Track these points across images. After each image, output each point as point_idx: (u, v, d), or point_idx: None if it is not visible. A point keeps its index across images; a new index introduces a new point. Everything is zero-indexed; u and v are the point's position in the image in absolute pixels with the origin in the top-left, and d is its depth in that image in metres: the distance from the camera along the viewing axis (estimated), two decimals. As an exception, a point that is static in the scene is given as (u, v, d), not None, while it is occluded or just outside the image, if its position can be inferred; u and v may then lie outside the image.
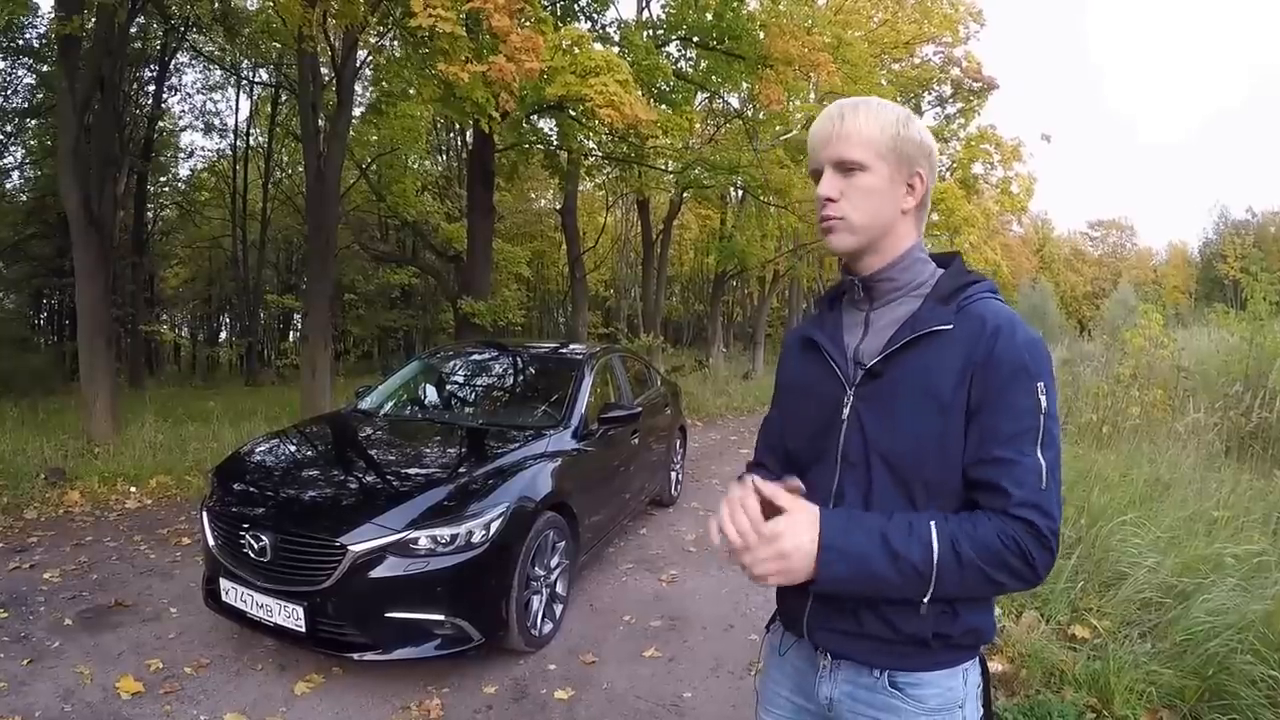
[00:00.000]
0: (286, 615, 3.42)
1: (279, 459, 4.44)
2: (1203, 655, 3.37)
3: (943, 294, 1.35)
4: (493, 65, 6.83)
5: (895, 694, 1.36)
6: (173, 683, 3.54)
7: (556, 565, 4.28)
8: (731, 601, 5.02)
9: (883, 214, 1.36)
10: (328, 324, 11.39)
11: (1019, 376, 1.25)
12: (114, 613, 4.34)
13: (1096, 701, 3.33)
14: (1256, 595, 3.66)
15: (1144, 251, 68.79)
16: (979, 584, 1.22)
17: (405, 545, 3.45)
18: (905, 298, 1.40)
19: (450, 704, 3.49)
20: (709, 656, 4.18)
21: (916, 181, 1.37)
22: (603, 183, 21.18)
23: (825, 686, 1.44)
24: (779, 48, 11.92)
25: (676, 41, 14.06)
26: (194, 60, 20.58)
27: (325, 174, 9.99)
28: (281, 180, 24.08)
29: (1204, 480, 5.65)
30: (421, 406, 5.66)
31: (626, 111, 8.57)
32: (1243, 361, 7.92)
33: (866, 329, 1.41)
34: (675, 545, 6.19)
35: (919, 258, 1.42)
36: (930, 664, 1.35)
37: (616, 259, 31.40)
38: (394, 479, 4.10)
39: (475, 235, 13.57)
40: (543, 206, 32.40)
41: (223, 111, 23.73)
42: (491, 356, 6.35)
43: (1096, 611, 4.15)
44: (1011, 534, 1.20)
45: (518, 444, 4.44)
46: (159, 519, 6.22)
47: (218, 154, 24.10)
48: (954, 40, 23.96)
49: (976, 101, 24.94)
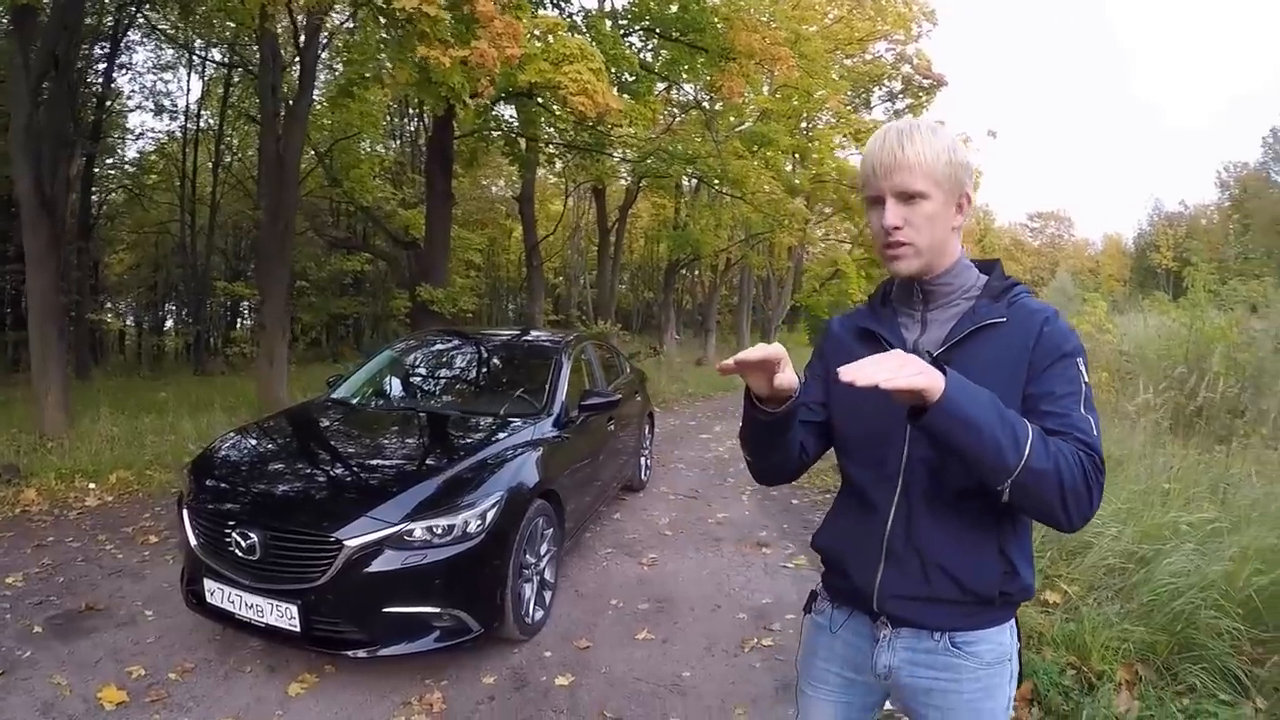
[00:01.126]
0: (279, 615, 3.32)
1: (259, 453, 4.33)
2: (1170, 613, 3.58)
3: (994, 293, 1.54)
4: (474, 50, 6.70)
5: (956, 652, 1.53)
6: (158, 690, 3.38)
7: (546, 553, 4.26)
8: (714, 582, 5.08)
9: (941, 235, 1.50)
10: (285, 312, 11.18)
11: (1065, 355, 1.44)
12: (86, 617, 4.14)
13: (1076, 659, 3.50)
14: (1214, 557, 3.86)
15: (1081, 242, 72.29)
16: (1053, 483, 1.29)
17: (402, 538, 3.39)
18: (959, 299, 1.56)
19: (451, 697, 3.44)
20: (701, 636, 4.22)
21: (964, 201, 1.51)
22: (561, 170, 21.06)
23: (885, 656, 1.59)
24: (741, 41, 12.09)
25: (640, 32, 14.02)
26: (146, 38, 19.81)
27: (284, 158, 9.74)
28: (232, 164, 23.44)
29: (1153, 456, 5.86)
30: (399, 396, 5.57)
31: (599, 100, 8.60)
32: (1182, 346, 8.21)
33: (925, 325, 1.58)
34: (650, 529, 6.22)
35: (966, 264, 1.58)
36: (986, 622, 1.54)
37: (567, 246, 31.26)
38: (384, 470, 4.03)
39: (433, 221, 13.38)
40: (495, 193, 32.18)
41: (174, 92, 22.93)
42: (465, 345, 6.28)
43: (1066, 578, 4.35)
44: (1081, 456, 1.32)
45: (503, 433, 4.42)
46: (122, 517, 6.02)
47: (168, 136, 23.22)
48: (906, 38, 24.50)
49: (925, 98, 25.40)
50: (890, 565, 1.53)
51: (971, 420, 1.25)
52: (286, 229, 10.50)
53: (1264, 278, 12.42)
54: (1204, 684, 3.19)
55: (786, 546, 5.85)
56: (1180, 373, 7.61)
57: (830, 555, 1.70)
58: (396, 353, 6.04)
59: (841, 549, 1.65)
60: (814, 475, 8.38)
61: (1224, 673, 3.24)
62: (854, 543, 1.60)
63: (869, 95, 26.34)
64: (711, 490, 7.70)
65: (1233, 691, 3.16)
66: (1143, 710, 3.08)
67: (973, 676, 1.54)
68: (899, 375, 1.19)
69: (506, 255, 34.73)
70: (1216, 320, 8.42)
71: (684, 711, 3.43)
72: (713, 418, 13.60)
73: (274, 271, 10.66)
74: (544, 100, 11.02)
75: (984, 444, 1.26)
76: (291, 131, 9.99)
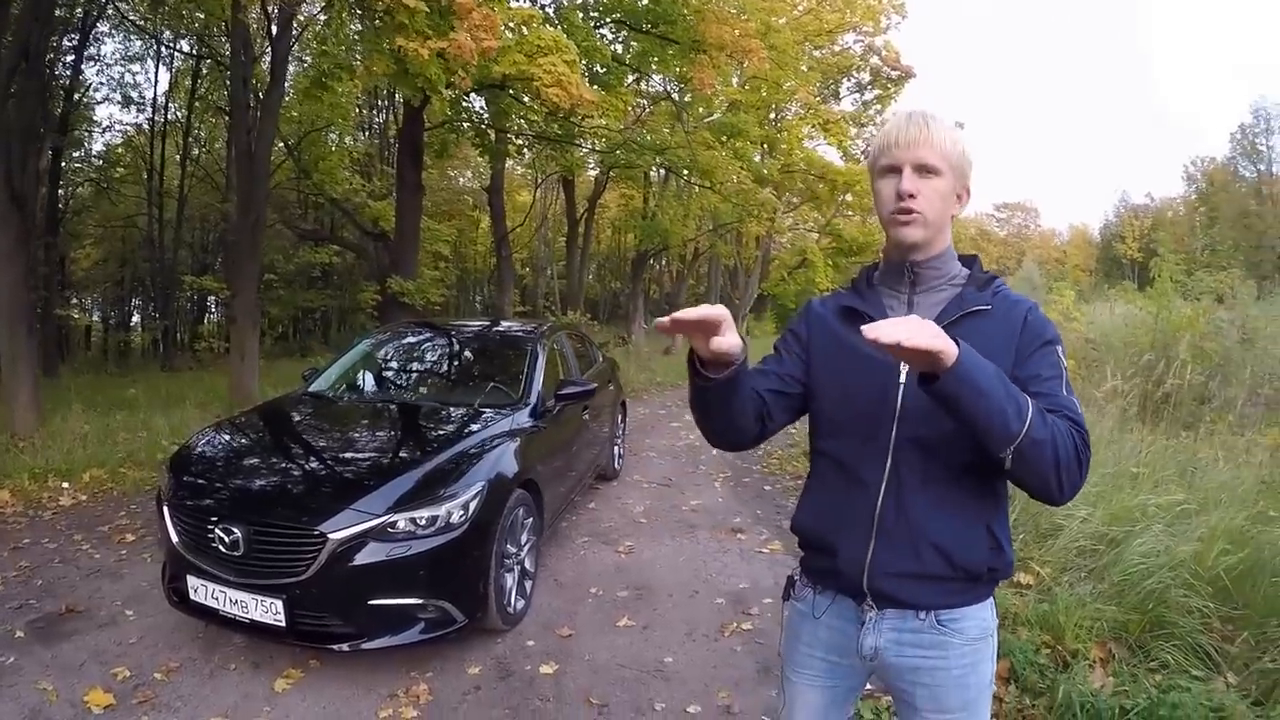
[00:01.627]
0: (264, 610, 3.32)
1: (238, 448, 4.31)
2: (1141, 592, 3.68)
3: (979, 282, 1.62)
4: (452, 42, 6.68)
5: (942, 630, 1.59)
6: (145, 690, 3.37)
7: (526, 542, 4.30)
8: (691, 569, 5.15)
9: (944, 215, 1.60)
10: (256, 306, 11.10)
11: (1048, 342, 1.54)
12: (67, 620, 4.10)
13: (1050, 639, 3.59)
14: (1183, 538, 3.98)
15: (1047, 232, 72.57)
16: (1049, 454, 1.37)
17: (385, 530, 3.41)
18: (945, 285, 1.64)
19: (438, 688, 3.48)
20: (681, 622, 4.28)
21: (964, 193, 1.63)
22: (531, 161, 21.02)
23: (871, 638, 1.63)
24: (712, 33, 12.15)
25: (611, 24, 14.01)
26: (115, 29, 19.47)
27: (256, 151, 9.65)
28: (200, 156, 23.11)
29: (1121, 441, 5.99)
30: (375, 388, 5.58)
31: (573, 92, 8.64)
32: (1149, 334, 8.39)
33: (911, 308, 1.63)
34: (626, 517, 6.28)
35: (953, 254, 1.66)
36: (972, 599, 1.61)
37: (535, 238, 31.17)
38: (365, 463, 4.05)
39: (403, 213, 13.35)
40: (463, 184, 32.01)
41: (141, 84, 22.50)
42: (439, 336, 6.31)
43: (1038, 560, 4.44)
44: (1072, 431, 1.41)
45: (481, 423, 4.44)
46: (98, 516, 5.97)
47: (135, 129, 22.78)
48: (875, 30, 24.56)
49: (894, 89, 25.53)
50: (881, 542, 1.57)
51: (981, 387, 1.31)
52: (258, 222, 10.41)
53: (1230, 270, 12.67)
54: (1176, 661, 3.27)
55: (761, 532, 5.93)
56: (1147, 360, 7.77)
57: (815, 535, 1.71)
58: (371, 345, 6.04)
59: (828, 527, 1.66)
60: (785, 462, 8.50)
61: (1195, 649, 3.33)
62: (842, 521, 1.63)
63: (837, 86, 26.47)
64: (684, 478, 7.77)
65: (1204, 667, 3.25)
66: (1116, 686, 3.16)
67: (959, 653, 1.59)
68: (919, 335, 1.24)
69: (474, 247, 34.55)
70: (1184, 310, 8.60)
71: (668, 696, 3.49)
72: (682, 406, 13.64)
73: (245, 265, 10.57)
74: (516, 92, 11.00)
75: (991, 411, 1.32)
76: (263, 124, 9.91)
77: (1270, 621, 3.42)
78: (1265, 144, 50.98)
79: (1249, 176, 51.59)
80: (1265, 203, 48.30)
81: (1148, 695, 2.99)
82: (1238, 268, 14.21)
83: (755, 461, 8.61)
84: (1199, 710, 2.83)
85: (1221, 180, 52.43)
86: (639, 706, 3.41)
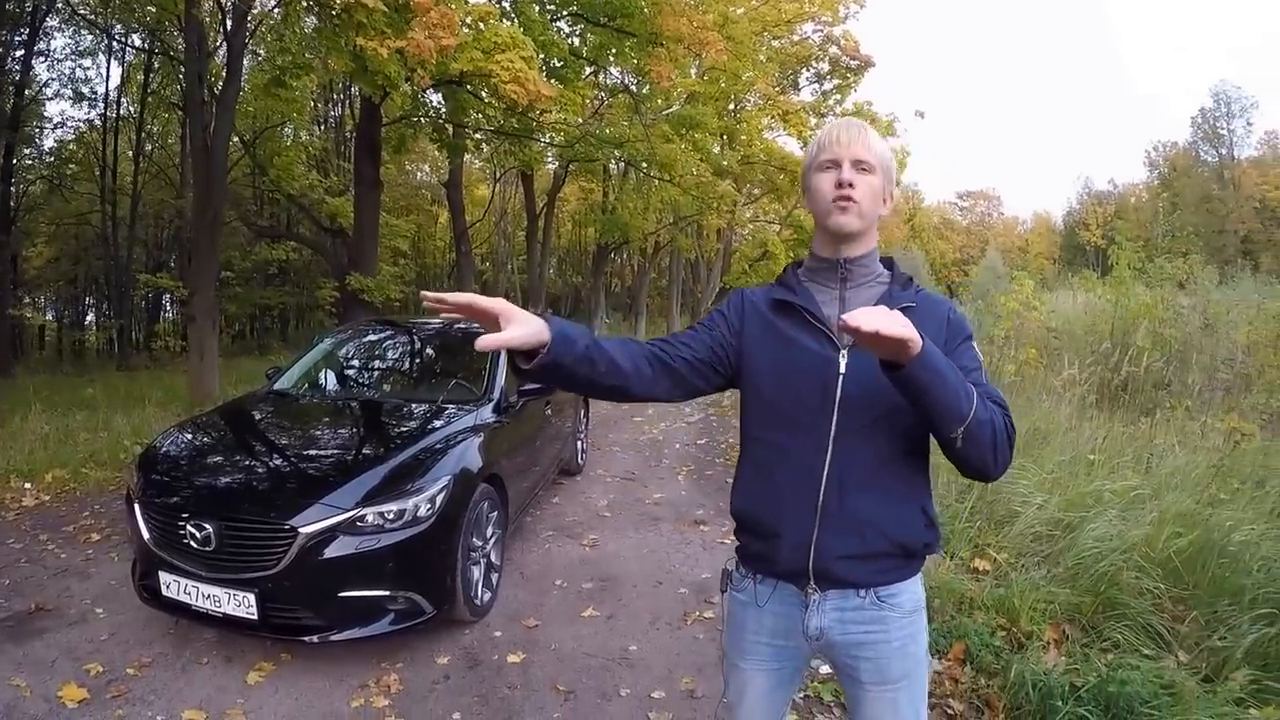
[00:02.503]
0: (237, 604, 3.39)
1: (207, 446, 4.35)
2: (1094, 575, 3.82)
3: (902, 282, 1.76)
4: (411, 41, 6.72)
5: (881, 605, 1.71)
6: (118, 685, 3.40)
7: (491, 535, 4.37)
8: (655, 560, 5.25)
9: (874, 211, 1.72)
10: (215, 304, 11.01)
11: (968, 337, 1.72)
12: (36, 618, 4.12)
13: (1005, 621, 3.73)
14: (1136, 522, 4.14)
15: (1010, 220, 72.72)
16: (989, 433, 1.53)
17: (354, 523, 3.48)
18: (872, 283, 1.76)
19: (407, 678, 3.56)
20: (645, 611, 4.39)
21: (888, 197, 1.75)
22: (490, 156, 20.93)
23: (815, 619, 1.73)
24: (669, 26, 12.12)
25: (568, 17, 14.00)
26: (65, 23, 19.10)
27: (213, 147, 9.57)
28: (153, 152, 22.75)
29: (1079, 428, 6.17)
30: (340, 386, 5.63)
31: (530, 88, 8.66)
32: (1108, 322, 8.60)
33: (843, 303, 1.72)
34: (590, 511, 6.37)
35: (877, 252, 1.79)
36: (905, 574, 1.73)
37: (494, 232, 31.08)
38: (333, 459, 4.11)
39: (362, 209, 13.24)
40: (420, 179, 31.81)
41: (93, 79, 22.00)
42: (401, 333, 6.35)
43: (995, 546, 4.58)
44: (1002, 414, 1.57)
45: (445, 419, 4.50)
46: (62, 516, 5.94)
47: (87, 125, 22.39)
48: (833, 20, 24.73)
49: (853, 78, 25.76)
50: (825, 526, 1.65)
51: (941, 372, 1.45)
52: (215, 220, 10.34)
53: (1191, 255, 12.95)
54: (1127, 640, 3.41)
55: (723, 524, 6.01)
56: (1105, 349, 7.98)
57: (756, 520, 1.77)
58: (334, 343, 6.07)
59: (771, 513, 1.72)
60: (746, 456, 8.63)
61: (1147, 629, 3.47)
62: (785, 507, 1.69)
63: (796, 77, 26.65)
64: (647, 472, 7.86)
65: (1156, 647, 3.39)
66: (1069, 665, 3.28)
67: (899, 625, 1.71)
68: (894, 325, 1.35)
69: (433, 242, 34.40)
70: (1143, 297, 8.81)
71: (633, 682, 3.60)
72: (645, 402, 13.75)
73: (203, 263, 10.49)
74: (473, 88, 10.99)
75: (948, 394, 1.46)
76: (219, 120, 9.81)
77: (1219, 601, 3.55)
78: (1226, 128, 51.75)
79: (1210, 161, 52.27)
80: (1227, 187, 49.04)
81: (1098, 673, 3.11)
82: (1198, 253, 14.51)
83: (718, 455, 8.75)
84: (1147, 686, 2.95)
85: (1183, 165, 53.02)
86: (605, 693, 3.51)
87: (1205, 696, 2.96)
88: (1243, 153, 51.58)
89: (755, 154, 23.78)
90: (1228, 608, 3.51)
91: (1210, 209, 47.23)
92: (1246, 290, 11.74)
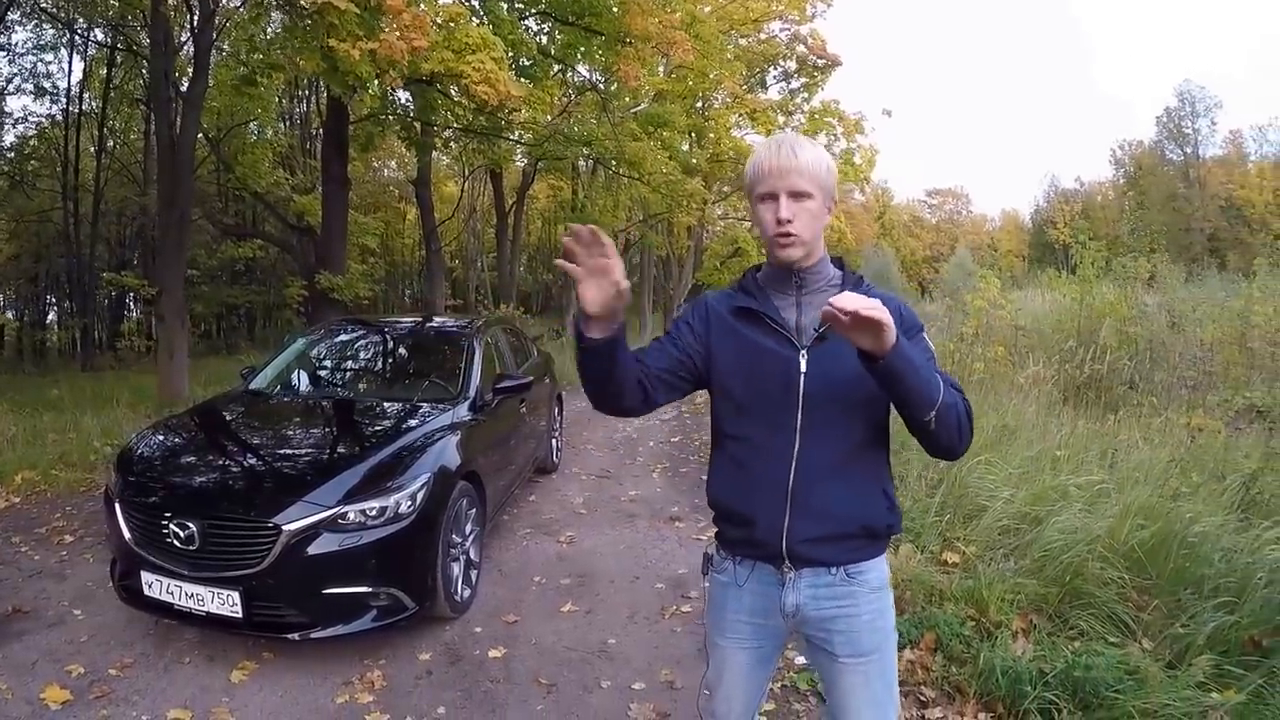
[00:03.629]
0: (220, 602, 3.40)
1: (186, 445, 4.36)
2: (1060, 566, 3.93)
3: (853, 282, 1.86)
4: (383, 42, 6.72)
5: (850, 582, 1.85)
6: (101, 686, 3.40)
7: (470, 532, 4.41)
8: (631, 556, 5.31)
9: (818, 230, 1.82)
10: (184, 303, 10.91)
11: (919, 329, 1.83)
12: (13, 621, 4.09)
13: (975, 612, 3.82)
14: (1100, 515, 4.25)
15: (979, 218, 72.87)
16: (954, 415, 1.68)
17: (336, 521, 3.52)
18: (826, 286, 1.86)
19: (391, 674, 3.59)
20: (623, 606, 4.46)
21: (832, 205, 1.83)
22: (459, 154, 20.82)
23: (791, 596, 1.86)
24: (638, 25, 12.16)
25: (536, 15, 13.99)
26: (26, 17, 18.70)
27: (180, 144, 9.48)
28: (116, 149, 22.34)
29: (1045, 425, 6.31)
30: (316, 385, 5.63)
31: (500, 88, 8.68)
32: (1074, 320, 8.76)
33: (800, 308, 1.85)
34: (566, 508, 6.42)
35: (827, 258, 1.90)
36: (871, 554, 1.87)
37: (463, 230, 30.92)
38: (313, 457, 4.15)
39: (330, 207, 13.16)
40: (387, 176, 31.54)
41: (54, 74, 21.53)
42: (375, 332, 6.37)
43: (963, 539, 4.67)
44: (962, 398, 1.72)
45: (422, 417, 4.54)
46: (33, 518, 5.89)
47: (50, 120, 21.91)
48: (801, 18, 24.88)
49: (820, 77, 25.95)
50: (795, 513, 1.78)
51: (913, 360, 1.60)
52: (183, 218, 10.24)
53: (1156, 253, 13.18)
54: (1093, 628, 3.53)
55: (699, 520, 6.10)
56: (1070, 346, 8.13)
57: (732, 509, 1.90)
58: (308, 343, 6.06)
59: (745, 502, 1.85)
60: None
61: (1112, 618, 3.59)
62: (758, 495, 1.82)
63: (764, 75, 26.80)
64: (622, 469, 7.93)
65: (1120, 634, 3.51)
66: (1036, 653, 3.38)
67: (868, 600, 1.85)
68: (870, 307, 1.47)
69: (401, 240, 34.09)
70: (1108, 295, 9.00)
71: (613, 675, 3.66)
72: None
73: (171, 262, 10.39)
74: (442, 87, 10.96)
75: (921, 380, 1.61)
76: (186, 117, 9.71)
77: (1181, 590, 3.69)
78: (1191, 127, 52.26)
79: (1176, 160, 52.78)
80: (1193, 186, 49.63)
81: (1065, 659, 3.22)
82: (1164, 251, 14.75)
83: (692, 453, 8.82)
84: (1112, 671, 3.07)
85: (1149, 164, 53.50)
86: (586, 685, 3.58)
87: (1168, 681, 3.05)
88: (1208, 152, 52.30)
89: (724, 151, 23.88)
90: (1189, 596, 3.63)
91: (1176, 207, 47.93)
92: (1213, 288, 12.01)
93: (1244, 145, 52.49)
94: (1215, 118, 52.53)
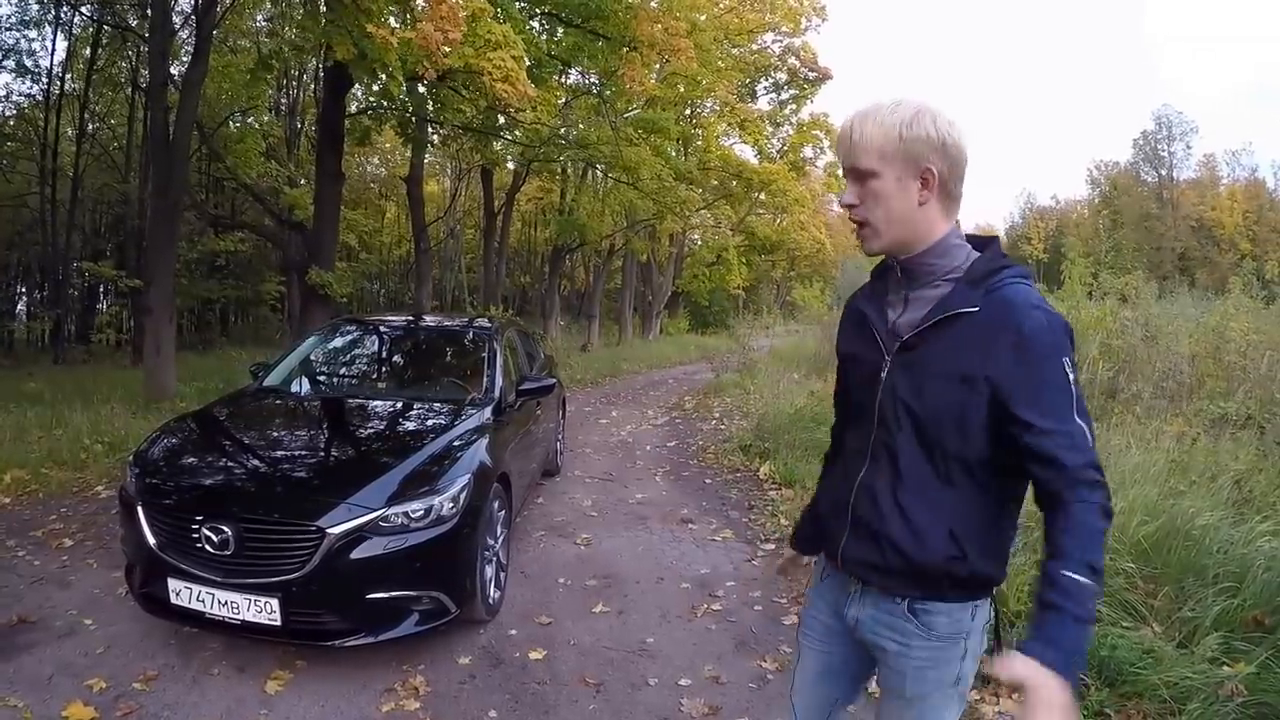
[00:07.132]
0: (257, 610, 3.22)
1: (209, 444, 4.20)
2: None
3: (974, 278, 1.51)
4: (419, 32, 6.58)
5: (910, 619, 1.61)
6: (127, 702, 3.17)
7: (500, 534, 4.33)
8: (651, 558, 5.28)
9: (899, 211, 1.53)
10: (172, 296, 10.63)
11: (1047, 354, 1.42)
12: (20, 631, 3.79)
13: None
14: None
15: None
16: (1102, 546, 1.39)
17: (379, 524, 3.39)
18: (939, 282, 1.56)
19: (433, 679, 3.48)
20: (653, 606, 4.42)
21: (928, 175, 1.50)
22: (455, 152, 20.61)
23: (853, 608, 1.72)
24: (643, 30, 12.20)
25: (542, 16, 13.89)
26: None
27: (176, 131, 9.21)
28: (96, 133, 21.72)
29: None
30: (335, 384, 5.50)
31: (519, 88, 8.58)
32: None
33: (906, 305, 1.61)
34: (576, 511, 6.35)
35: (954, 244, 1.57)
36: (942, 595, 1.59)
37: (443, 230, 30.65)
38: (349, 458, 4.04)
39: (323, 201, 12.85)
40: (369, 172, 31.20)
41: (37, 51, 20.68)
42: (393, 330, 6.25)
43: None
44: (1094, 502, 1.38)
45: (454, 418, 4.44)
46: (27, 520, 5.60)
47: (30, 100, 21.01)
48: (794, 30, 25.11)
49: (810, 90, 26.20)
50: (852, 530, 1.66)
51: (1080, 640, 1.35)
52: (175, 207, 9.98)
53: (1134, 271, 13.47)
54: (1108, 615, 3.59)
55: (710, 522, 6.08)
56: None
57: (818, 505, 1.89)
58: (323, 340, 5.89)
59: (826, 504, 1.80)
60: (721, 456, 8.67)
61: (1124, 605, 3.70)
62: (832, 505, 1.74)
63: (754, 85, 26.97)
64: (625, 473, 7.88)
65: (1132, 619, 3.61)
66: None
67: (922, 645, 1.61)
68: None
69: (379, 238, 33.60)
70: (1093, 310, 9.11)
71: (658, 672, 3.62)
72: (606, 403, 13.76)
73: (160, 253, 10.12)
74: (457, 84, 10.81)
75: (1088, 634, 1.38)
76: (184, 102, 9.43)
77: (1186, 578, 3.84)
78: (1167, 150, 53.97)
79: (1150, 181, 54.57)
80: (1166, 207, 51.44)
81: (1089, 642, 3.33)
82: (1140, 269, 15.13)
83: (690, 457, 8.81)
84: (1132, 650, 3.26)
85: (1124, 184, 55.27)
86: (633, 682, 3.53)
87: (1182, 658, 3.26)
88: (1182, 174, 54.07)
89: (712, 159, 23.91)
90: (1194, 583, 3.78)
91: (1149, 227, 49.58)
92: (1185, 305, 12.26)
93: (1217, 168, 54.34)
94: (1191, 142, 54.48)
